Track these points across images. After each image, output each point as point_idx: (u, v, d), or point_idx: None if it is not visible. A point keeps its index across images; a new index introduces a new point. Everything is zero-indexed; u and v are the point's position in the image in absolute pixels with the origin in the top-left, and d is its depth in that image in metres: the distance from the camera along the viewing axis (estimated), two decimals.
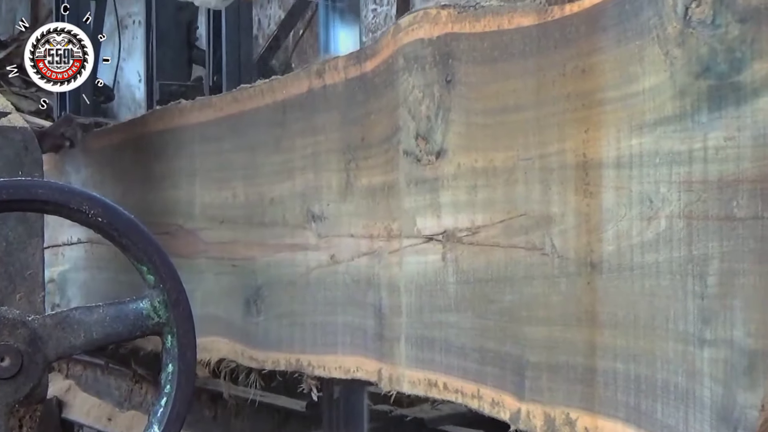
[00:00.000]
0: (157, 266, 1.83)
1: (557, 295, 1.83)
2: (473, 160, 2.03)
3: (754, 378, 1.46)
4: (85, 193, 1.84)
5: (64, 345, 1.82)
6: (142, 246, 1.82)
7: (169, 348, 1.85)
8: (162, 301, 1.84)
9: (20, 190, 1.78)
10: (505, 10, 1.93)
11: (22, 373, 1.78)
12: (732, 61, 1.47)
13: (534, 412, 1.88)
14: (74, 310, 1.85)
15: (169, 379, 1.85)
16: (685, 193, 1.55)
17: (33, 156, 2.29)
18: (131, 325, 1.84)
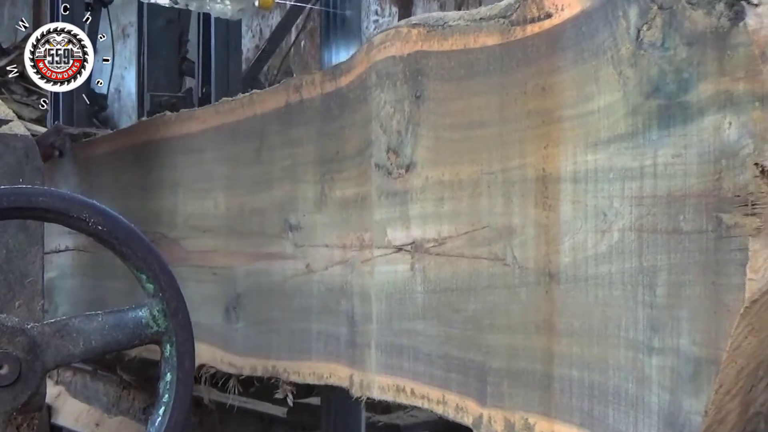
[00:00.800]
0: (156, 275, 1.83)
1: (518, 304, 1.88)
2: (440, 174, 2.07)
3: (699, 385, 1.50)
4: (86, 201, 1.83)
5: (63, 353, 1.80)
6: (142, 255, 1.82)
7: (167, 357, 1.84)
8: (161, 310, 1.83)
9: (21, 198, 1.78)
10: (471, 29, 1.97)
11: (21, 381, 1.77)
12: (680, 81, 1.51)
13: (495, 418, 1.92)
14: (73, 319, 1.83)
15: (167, 388, 1.83)
16: (636, 208, 1.60)
17: (34, 164, 2.28)
18: (130, 333, 1.83)
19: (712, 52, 1.46)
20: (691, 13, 1.49)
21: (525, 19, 1.83)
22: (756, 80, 1.40)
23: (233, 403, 3.46)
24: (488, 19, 1.93)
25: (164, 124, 3.43)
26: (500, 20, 1.89)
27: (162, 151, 3.38)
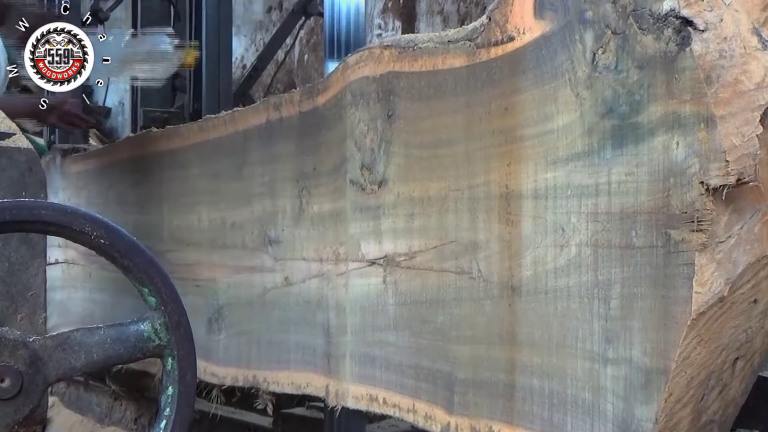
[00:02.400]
0: (158, 288, 1.79)
1: (482, 316, 1.92)
2: (411, 190, 2.12)
3: (650, 393, 1.55)
4: (88, 214, 1.78)
5: (65, 366, 1.77)
6: (144, 268, 1.78)
7: (169, 370, 1.80)
8: (163, 324, 1.79)
9: (23, 211, 1.74)
10: (440, 51, 2.02)
11: (22, 394, 1.73)
12: (632, 103, 1.57)
13: (461, 425, 1.97)
14: (75, 332, 1.80)
15: (168, 402, 1.78)
16: (592, 223, 1.65)
17: (37, 177, 2.24)
18: (132, 347, 1.79)
19: (661, 76, 1.51)
20: (642, 38, 1.54)
21: (489, 42, 1.88)
22: (701, 102, 1.46)
23: (221, 413, 3.51)
24: (455, 42, 1.98)
25: (151, 140, 3.48)
26: (466, 43, 1.94)
27: (148, 167, 3.43)
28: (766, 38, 1.54)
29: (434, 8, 6.93)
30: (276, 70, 7.00)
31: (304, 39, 9.24)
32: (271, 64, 8.74)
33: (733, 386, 1.68)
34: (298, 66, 8.49)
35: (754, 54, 1.51)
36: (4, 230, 1.77)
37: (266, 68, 6.97)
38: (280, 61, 8.27)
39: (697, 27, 1.48)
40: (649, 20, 1.53)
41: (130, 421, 4.67)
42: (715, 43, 1.48)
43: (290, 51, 9.28)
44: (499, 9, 1.85)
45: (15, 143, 2.24)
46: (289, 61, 8.00)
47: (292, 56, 9.06)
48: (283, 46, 9.55)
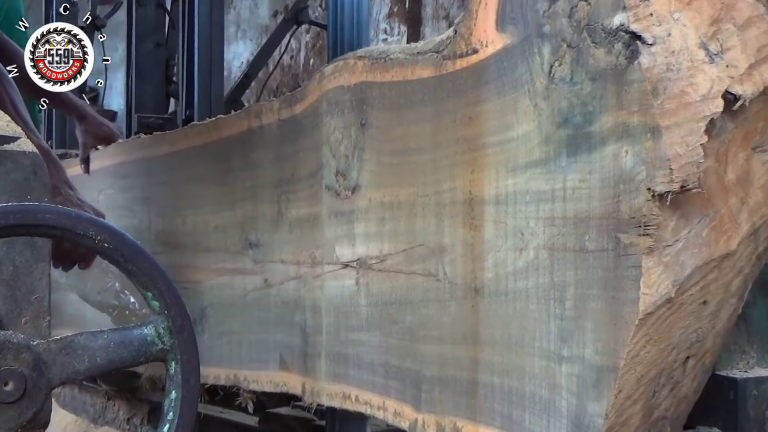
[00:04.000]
0: (162, 292, 1.77)
1: (448, 317, 1.97)
2: (382, 196, 2.17)
3: (601, 390, 1.60)
4: (93, 218, 1.77)
5: (68, 370, 1.75)
6: (148, 272, 1.76)
7: (172, 375, 1.79)
8: (166, 328, 1.78)
9: (28, 215, 1.72)
10: (409, 62, 2.07)
11: (26, 398, 1.72)
12: (585, 113, 1.61)
13: (428, 422, 2.02)
14: (79, 335, 1.78)
15: (171, 406, 1.77)
16: (548, 228, 1.70)
17: (42, 181, 2.19)
18: (135, 351, 1.78)
19: (612, 87, 1.56)
20: (595, 52, 1.59)
21: (455, 54, 1.93)
22: (648, 114, 1.50)
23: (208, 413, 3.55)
24: (424, 53, 2.03)
25: (139, 146, 3.54)
26: (434, 54, 1.99)
27: (137, 172, 3.48)
28: (713, 52, 1.59)
29: (440, 13, 6.98)
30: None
31: (310, 43, 9.28)
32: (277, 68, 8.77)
33: (685, 384, 1.73)
34: (304, 70, 8.54)
35: (701, 67, 1.56)
36: (9, 234, 1.76)
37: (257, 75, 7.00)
38: (285, 65, 8.32)
39: (646, 41, 1.53)
40: (601, 34, 1.57)
41: (122, 421, 4.70)
42: (663, 57, 1.53)
43: (296, 56, 9.31)
44: (464, 22, 1.90)
45: (20, 147, 2.21)
46: (295, 65, 8.03)
47: (298, 61, 9.09)
48: (288, 50, 9.58)
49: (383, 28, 7.69)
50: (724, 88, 1.56)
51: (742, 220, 1.64)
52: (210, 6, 5.82)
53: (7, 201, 2.05)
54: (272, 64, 8.87)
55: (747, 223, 1.65)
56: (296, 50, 9.60)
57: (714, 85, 1.55)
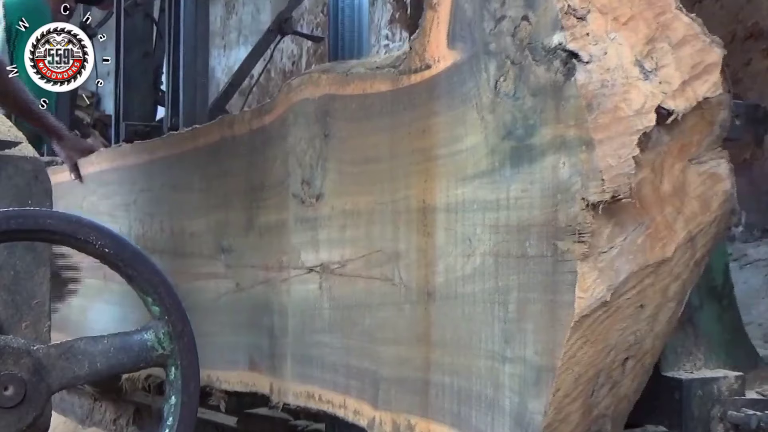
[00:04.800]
0: (162, 298, 1.77)
1: (403, 319, 2.03)
2: (344, 203, 2.23)
3: (540, 389, 1.66)
4: (93, 224, 1.76)
5: (68, 375, 1.74)
6: (148, 277, 1.76)
7: (172, 380, 1.78)
8: (166, 333, 1.77)
9: (29, 220, 1.71)
10: (369, 77, 2.13)
11: (26, 403, 1.70)
12: (527, 127, 1.67)
13: (384, 420, 2.08)
14: (79, 341, 1.77)
15: (171, 411, 1.76)
16: (493, 235, 1.76)
17: (43, 186, 2.22)
18: (135, 356, 1.77)
19: (551, 102, 1.62)
20: (535, 69, 1.65)
21: (410, 69, 1.99)
22: (583, 127, 1.56)
23: None
24: (382, 68, 2.09)
25: (121, 154, 3.59)
26: (391, 69, 2.06)
27: (118, 179, 3.54)
28: (648, 69, 1.66)
29: None
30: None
31: (312, 49, 9.32)
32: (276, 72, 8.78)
33: (625, 384, 1.78)
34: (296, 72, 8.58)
35: (635, 83, 1.62)
36: (10, 239, 1.75)
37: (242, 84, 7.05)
38: (287, 71, 8.34)
39: (582, 59, 1.59)
40: (542, 53, 1.63)
41: (109, 422, 4.75)
42: (598, 74, 1.59)
43: (297, 62, 9.33)
44: (419, 39, 1.96)
45: (21, 152, 2.21)
46: (296, 71, 8.07)
47: (300, 66, 9.13)
48: (290, 56, 9.58)
49: (385, 34, 7.74)
50: (657, 103, 1.63)
51: (678, 229, 1.70)
52: (195, 17, 5.89)
53: (8, 206, 2.06)
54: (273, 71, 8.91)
55: (683, 231, 1.71)
56: (298, 56, 9.64)
57: (647, 101, 1.62)
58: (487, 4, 1.75)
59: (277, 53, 9.68)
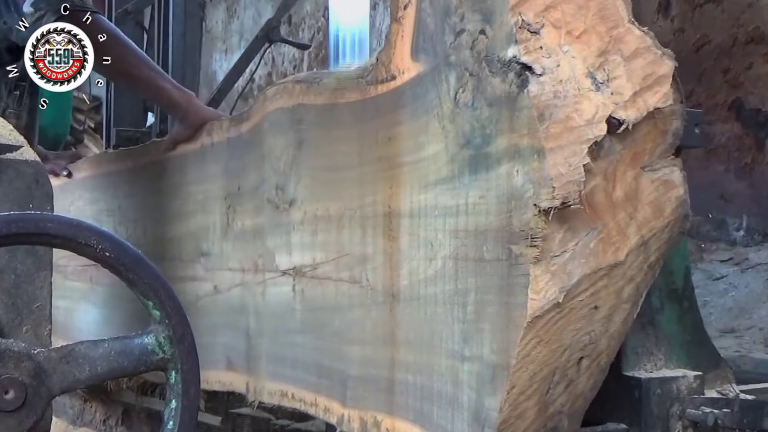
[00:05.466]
0: (163, 302, 1.75)
1: (370, 320, 2.09)
2: (315, 209, 2.29)
3: (496, 386, 1.71)
4: (94, 227, 1.74)
5: (69, 379, 1.71)
6: (149, 281, 1.74)
7: (173, 384, 1.76)
8: (167, 337, 1.75)
9: (29, 224, 1.68)
10: (339, 87, 2.19)
11: (26, 407, 1.67)
12: (484, 136, 1.72)
13: (353, 417, 2.13)
14: (80, 344, 1.74)
15: (172, 415, 1.74)
16: (453, 239, 1.81)
17: (43, 189, 2.16)
18: (136, 360, 1.74)
19: (506, 113, 1.67)
20: (492, 80, 1.70)
21: (377, 79, 2.05)
22: (535, 137, 1.61)
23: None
24: (351, 79, 2.14)
25: (106, 160, 3.65)
26: (359, 80, 2.11)
27: (103, 185, 3.59)
28: (600, 81, 1.71)
29: None
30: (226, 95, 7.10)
31: (313, 53, 9.36)
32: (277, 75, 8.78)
33: (580, 382, 1.83)
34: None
35: (587, 94, 1.67)
36: (10, 242, 1.72)
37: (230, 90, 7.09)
38: (289, 75, 8.35)
39: (535, 71, 1.64)
40: (497, 65, 1.68)
41: (99, 422, 4.78)
42: (551, 86, 1.64)
43: (299, 65, 9.36)
44: (385, 51, 2.02)
45: (22, 155, 2.17)
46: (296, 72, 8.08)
47: (301, 70, 9.15)
48: (291, 60, 9.60)
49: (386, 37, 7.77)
50: (608, 113, 1.68)
51: (630, 233, 1.75)
52: (184, 26, 5.96)
53: (8, 209, 2.02)
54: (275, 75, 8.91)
55: (636, 235, 1.76)
56: (299, 60, 9.67)
57: (599, 111, 1.67)
58: (447, 18, 1.80)
59: (279, 57, 9.73)
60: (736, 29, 6.34)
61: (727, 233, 6.42)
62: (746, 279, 5.84)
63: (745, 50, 6.30)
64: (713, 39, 6.45)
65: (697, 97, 6.51)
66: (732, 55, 6.35)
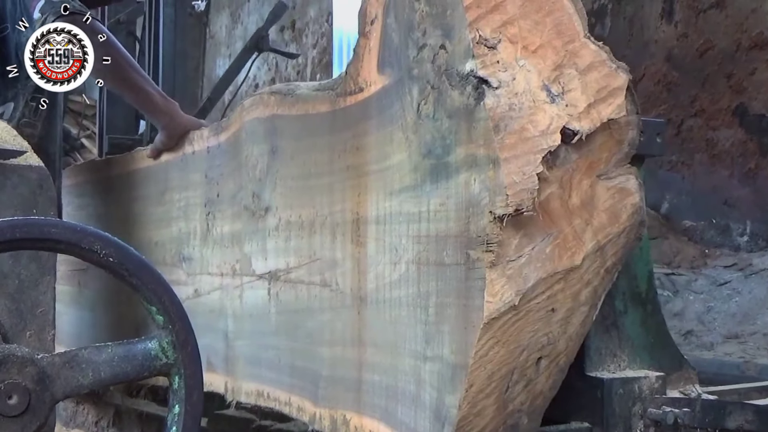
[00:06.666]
0: (166, 307, 1.74)
1: (339, 322, 2.13)
2: (289, 215, 2.34)
3: (455, 385, 1.75)
4: (97, 233, 1.72)
5: (72, 384, 1.69)
6: (152, 286, 1.73)
7: (176, 389, 1.75)
8: (170, 342, 1.75)
9: (33, 229, 1.67)
10: (311, 98, 2.24)
11: (29, 412, 1.65)
12: (444, 146, 1.77)
13: (324, 415, 2.18)
14: (83, 350, 1.73)
15: (175, 420, 1.74)
16: (416, 245, 1.86)
17: (47, 195, 2.17)
18: (139, 365, 1.73)
19: (464, 124, 1.72)
20: (451, 93, 1.75)
21: (346, 91, 2.10)
22: (490, 147, 1.66)
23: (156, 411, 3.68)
24: (322, 90, 2.20)
25: (95, 167, 3.70)
26: (330, 92, 2.16)
27: (91, 192, 3.64)
28: (555, 93, 1.76)
29: None
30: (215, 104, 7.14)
31: (316, 59, 9.37)
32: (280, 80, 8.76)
33: (540, 381, 1.88)
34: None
35: (542, 106, 1.72)
36: (14, 248, 1.71)
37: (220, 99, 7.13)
38: (292, 80, 8.35)
39: (491, 85, 1.69)
40: (456, 78, 1.73)
41: (91, 424, 4.82)
42: (506, 98, 1.69)
43: (302, 71, 9.37)
44: (353, 64, 2.07)
45: (26, 161, 2.18)
46: (301, 80, 8.10)
47: (305, 76, 9.17)
48: (295, 66, 9.59)
49: None
50: (562, 124, 1.73)
51: (586, 239, 1.80)
52: (174, 35, 6.00)
53: (13, 215, 2.04)
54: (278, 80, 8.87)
55: (592, 241, 1.81)
56: (303, 66, 9.69)
57: (553, 122, 1.72)
58: (411, 34, 1.85)
59: (282, 63, 9.74)
60: (739, 35, 6.31)
61: (730, 239, 6.36)
62: (750, 284, 5.80)
63: (749, 55, 6.27)
64: (717, 44, 6.40)
65: (701, 102, 6.49)
66: (736, 60, 6.31)
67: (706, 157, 6.47)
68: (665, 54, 6.59)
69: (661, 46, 6.60)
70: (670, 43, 6.56)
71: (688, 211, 6.64)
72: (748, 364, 4.10)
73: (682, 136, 6.60)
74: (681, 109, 6.57)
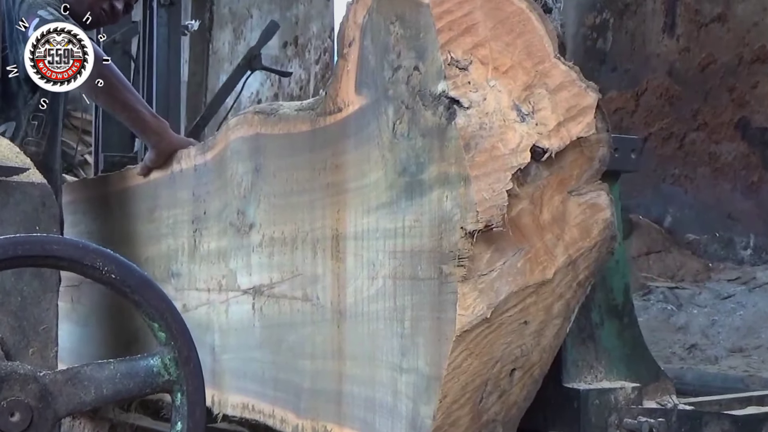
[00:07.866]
0: (168, 324, 1.74)
1: (320, 336, 2.17)
2: (272, 232, 2.37)
3: (430, 396, 1.79)
4: (99, 250, 1.73)
5: (75, 401, 1.69)
6: (155, 303, 1.72)
7: (178, 406, 1.75)
8: (173, 359, 1.74)
9: (36, 246, 1.67)
10: (293, 117, 2.28)
11: (32, 429, 1.65)
12: (418, 164, 1.81)
13: (306, 426, 2.21)
14: (85, 367, 1.72)
15: None
16: (392, 260, 1.89)
17: (50, 212, 2.17)
18: (141, 382, 1.73)
19: (437, 143, 1.75)
20: (425, 113, 1.79)
21: (325, 111, 2.13)
22: (461, 165, 1.70)
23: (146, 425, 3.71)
24: (303, 110, 2.23)
25: (87, 186, 3.74)
26: (310, 112, 2.20)
27: (83, 209, 3.68)
28: (525, 112, 1.80)
29: None
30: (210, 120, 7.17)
31: (319, 74, 9.39)
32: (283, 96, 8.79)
33: (513, 392, 1.90)
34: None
35: (512, 125, 1.76)
36: (17, 265, 1.71)
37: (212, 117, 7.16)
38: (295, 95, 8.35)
39: (462, 105, 1.73)
40: (429, 99, 1.77)
41: None
42: (477, 118, 1.73)
43: (305, 87, 9.39)
44: (332, 85, 2.11)
45: (29, 178, 2.17)
46: (304, 96, 8.13)
47: (307, 91, 9.19)
48: (298, 81, 9.61)
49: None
50: (532, 143, 1.76)
51: (558, 254, 1.84)
52: (168, 53, 6.03)
53: (15, 232, 2.05)
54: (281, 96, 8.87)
55: (563, 255, 1.84)
56: (305, 81, 9.71)
57: (523, 141, 1.76)
58: (386, 55, 1.89)
59: (285, 79, 9.75)
60: (741, 48, 6.29)
61: (734, 252, 6.31)
62: (754, 298, 5.76)
63: (751, 69, 6.25)
64: (719, 58, 6.38)
65: (703, 116, 6.46)
66: (738, 74, 6.28)
67: (709, 171, 6.44)
68: (667, 68, 6.57)
69: (663, 60, 6.58)
70: (672, 57, 6.54)
71: (692, 224, 6.60)
72: (752, 377, 4.10)
73: (684, 149, 6.58)
74: (683, 123, 6.56)
